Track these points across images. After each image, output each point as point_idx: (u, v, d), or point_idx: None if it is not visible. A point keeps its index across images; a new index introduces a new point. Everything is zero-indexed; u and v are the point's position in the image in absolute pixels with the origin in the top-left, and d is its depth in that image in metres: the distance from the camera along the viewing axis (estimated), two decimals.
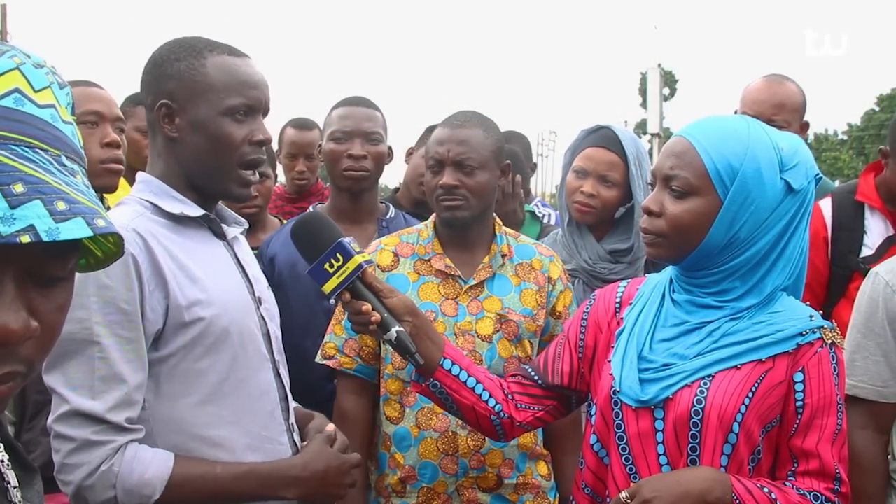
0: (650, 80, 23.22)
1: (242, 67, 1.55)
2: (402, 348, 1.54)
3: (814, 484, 1.44)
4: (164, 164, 1.57)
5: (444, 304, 2.06)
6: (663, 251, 1.52)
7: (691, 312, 1.54)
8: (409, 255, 2.13)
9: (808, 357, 1.46)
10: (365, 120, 2.50)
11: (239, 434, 1.52)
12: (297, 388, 2.13)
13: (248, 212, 2.92)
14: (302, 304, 2.39)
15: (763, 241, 1.47)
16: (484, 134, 2.08)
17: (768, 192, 1.45)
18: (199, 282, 1.49)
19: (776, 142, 1.49)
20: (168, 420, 1.47)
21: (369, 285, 1.55)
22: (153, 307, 1.43)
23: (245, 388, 1.54)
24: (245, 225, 1.70)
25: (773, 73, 2.95)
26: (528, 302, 2.08)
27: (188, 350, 1.47)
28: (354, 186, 2.49)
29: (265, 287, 1.70)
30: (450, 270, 2.08)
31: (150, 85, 1.57)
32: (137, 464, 1.39)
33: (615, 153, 2.40)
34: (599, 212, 2.42)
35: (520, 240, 2.20)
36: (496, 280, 2.09)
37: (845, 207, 2.55)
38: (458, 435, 2.01)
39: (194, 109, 1.52)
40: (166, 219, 1.53)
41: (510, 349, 2.05)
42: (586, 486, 1.61)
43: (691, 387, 1.46)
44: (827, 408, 1.45)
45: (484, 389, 1.64)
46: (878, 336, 1.81)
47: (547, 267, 2.14)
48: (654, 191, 1.53)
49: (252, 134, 1.54)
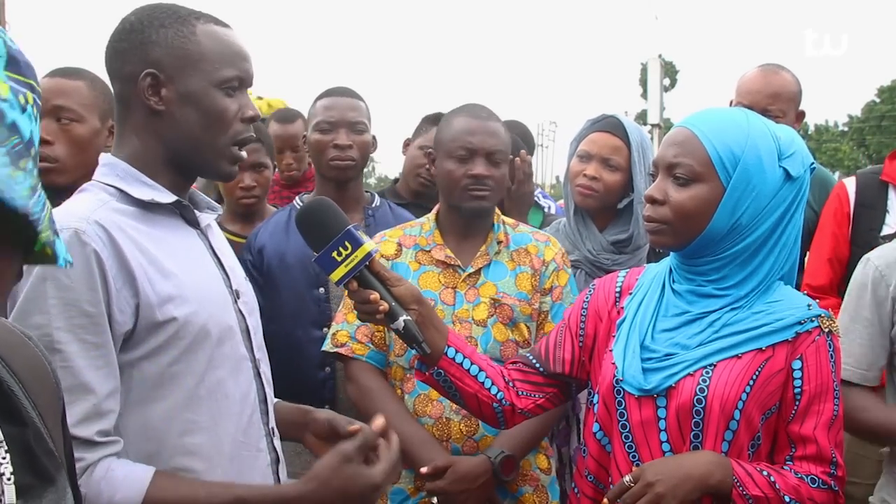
0: (651, 70, 23.11)
1: (232, 38, 1.44)
2: (410, 337, 1.53)
3: (811, 468, 1.48)
4: (140, 142, 1.41)
5: (443, 292, 2.10)
6: (667, 238, 1.54)
7: (692, 302, 1.56)
8: (412, 246, 2.17)
9: (807, 345, 1.50)
10: (349, 110, 2.52)
11: (216, 441, 1.38)
12: (287, 377, 2.12)
13: (247, 202, 2.90)
14: (291, 294, 2.40)
15: (763, 227, 1.50)
16: (504, 128, 2.19)
17: (768, 178, 1.49)
18: (172, 276, 1.35)
19: (774, 131, 1.53)
20: (139, 427, 1.32)
21: (377, 274, 1.52)
22: (121, 307, 1.28)
23: (222, 390, 1.40)
24: (219, 210, 1.57)
25: (767, 63, 2.94)
26: (522, 285, 2.13)
27: (161, 351, 1.32)
28: (340, 176, 2.50)
29: (243, 278, 1.57)
30: (449, 260, 2.13)
31: (127, 53, 1.39)
32: (106, 485, 1.23)
33: (619, 138, 2.43)
34: (602, 196, 2.43)
35: (518, 228, 2.25)
36: (492, 266, 2.15)
37: (870, 186, 2.61)
38: (452, 420, 2.04)
39: (185, 80, 1.38)
40: (134, 206, 1.37)
41: (505, 332, 2.09)
42: (589, 474, 1.63)
43: (694, 376, 1.49)
44: (824, 394, 1.49)
45: (486, 377, 1.65)
46: (865, 320, 1.83)
47: (542, 251, 2.19)
48: (657, 180, 1.55)
49: (242, 110, 1.43)
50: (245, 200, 2.90)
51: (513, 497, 2.11)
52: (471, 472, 1.97)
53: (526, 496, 2.12)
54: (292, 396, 1.71)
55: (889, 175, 2.59)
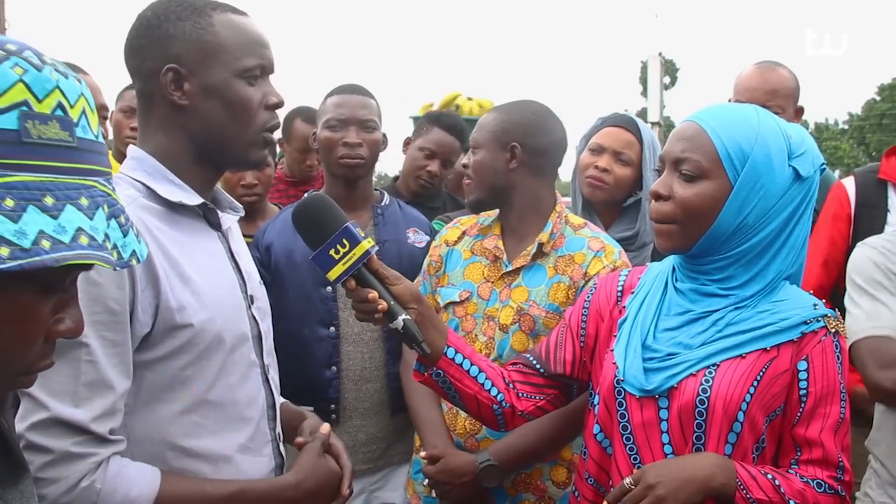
0: (651, 68, 23.07)
1: (250, 26, 1.42)
2: (408, 337, 1.50)
3: (817, 472, 1.44)
4: (166, 138, 1.40)
5: (482, 286, 2.10)
6: (674, 241, 1.51)
7: (695, 301, 1.53)
8: (474, 235, 2.19)
9: (812, 346, 1.46)
10: (360, 108, 2.50)
11: (221, 446, 1.40)
12: (294, 376, 2.13)
13: (248, 200, 2.92)
14: (298, 293, 2.40)
15: (770, 227, 1.47)
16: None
17: (777, 178, 1.45)
18: (192, 282, 1.35)
19: (784, 130, 1.49)
20: (146, 427, 1.33)
21: (375, 272, 1.49)
22: (144, 308, 1.29)
23: (231, 396, 1.42)
24: (241, 212, 1.58)
25: (764, 60, 2.94)
26: (556, 297, 2.03)
27: (176, 355, 1.33)
28: (350, 174, 2.50)
29: (258, 283, 1.57)
30: (497, 251, 2.11)
31: (146, 50, 1.38)
32: (122, 481, 1.24)
33: (633, 134, 2.44)
34: (611, 189, 2.43)
35: (579, 232, 2.11)
36: (533, 270, 2.08)
37: (869, 186, 2.60)
38: (459, 415, 2.06)
39: (206, 73, 1.37)
40: (160, 205, 1.37)
41: (526, 342, 2.03)
42: (589, 476, 1.61)
43: (696, 376, 1.46)
44: (830, 396, 1.45)
45: (486, 378, 1.63)
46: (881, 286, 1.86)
47: (588, 262, 2.04)
48: (663, 175, 1.52)
49: (266, 98, 1.43)
50: (247, 198, 2.92)
51: (512, 501, 2.08)
52: (457, 469, 1.99)
53: (525, 503, 2.08)
54: (299, 395, 1.72)
55: (887, 173, 2.57)
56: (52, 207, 0.68)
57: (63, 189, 0.69)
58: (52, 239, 0.67)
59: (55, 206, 0.68)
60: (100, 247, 0.71)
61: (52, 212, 0.68)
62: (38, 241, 0.66)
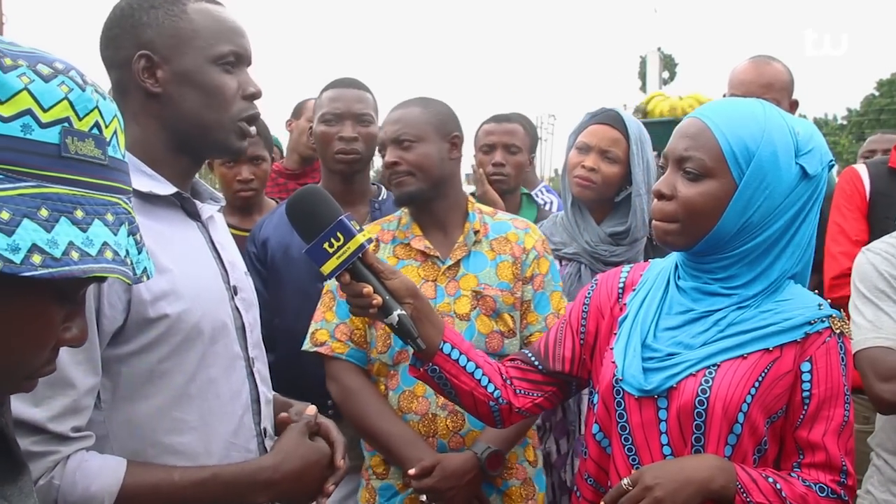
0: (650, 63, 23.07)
1: (225, 14, 1.42)
2: (404, 332, 1.47)
3: (819, 476, 1.41)
4: (140, 129, 1.38)
5: (423, 286, 2.08)
6: (676, 238, 1.48)
7: (697, 300, 1.50)
8: (390, 241, 2.16)
9: (816, 346, 1.43)
10: (355, 102, 2.49)
11: (204, 441, 1.36)
12: (289, 372, 2.10)
13: (245, 195, 2.92)
14: (295, 288, 2.38)
15: (775, 226, 1.43)
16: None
17: (783, 176, 1.42)
18: (168, 272, 1.32)
19: (792, 126, 1.45)
20: (125, 424, 1.30)
21: (370, 266, 1.45)
22: (112, 302, 1.26)
23: (214, 389, 1.38)
24: (222, 202, 1.54)
25: (759, 54, 2.95)
26: (504, 275, 2.10)
27: (152, 348, 1.30)
28: (346, 169, 2.48)
29: (242, 273, 1.54)
30: (429, 251, 2.11)
31: (119, 39, 1.37)
32: (81, 476, 1.22)
33: (618, 131, 2.43)
34: (599, 188, 2.43)
35: (496, 217, 2.21)
36: (472, 257, 2.12)
37: (881, 175, 2.65)
38: (438, 416, 2.03)
39: (179, 59, 1.36)
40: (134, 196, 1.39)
41: (489, 324, 2.07)
42: (589, 476, 1.59)
43: (696, 376, 1.43)
44: (834, 399, 1.42)
45: (483, 374, 1.60)
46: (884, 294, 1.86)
47: (522, 238, 2.15)
48: (666, 173, 1.49)
49: (243, 87, 1.41)
50: (243, 193, 2.92)
51: (499, 491, 2.10)
52: (458, 469, 1.97)
53: (513, 489, 2.12)
54: (295, 391, 1.68)
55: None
56: (82, 221, 0.71)
57: (92, 204, 0.73)
58: (81, 251, 0.70)
59: (84, 220, 0.72)
60: (122, 262, 0.75)
61: (82, 225, 0.71)
62: (68, 251, 0.69)
